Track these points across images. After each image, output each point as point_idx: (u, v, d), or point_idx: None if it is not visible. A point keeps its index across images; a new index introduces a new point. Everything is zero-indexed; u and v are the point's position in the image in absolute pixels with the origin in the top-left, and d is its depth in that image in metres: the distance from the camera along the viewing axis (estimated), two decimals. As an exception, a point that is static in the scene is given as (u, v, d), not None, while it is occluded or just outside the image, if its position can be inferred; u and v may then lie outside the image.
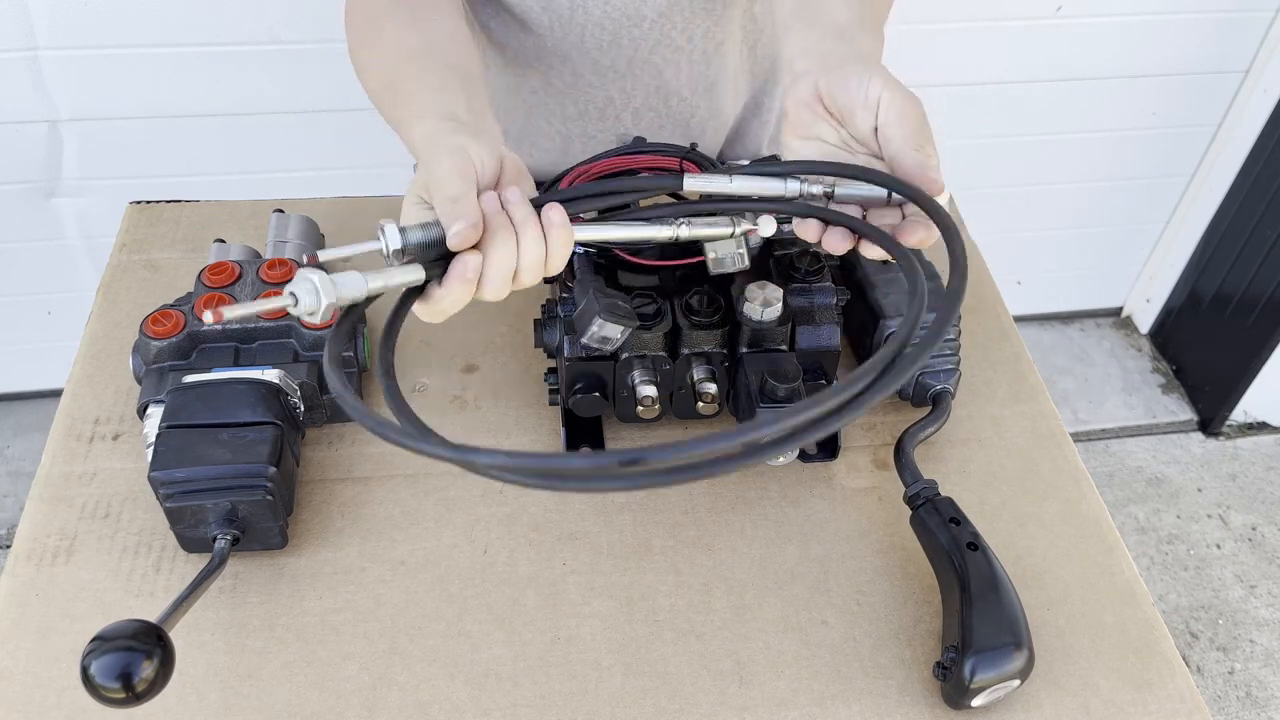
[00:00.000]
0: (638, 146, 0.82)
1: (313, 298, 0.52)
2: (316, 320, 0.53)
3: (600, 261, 0.74)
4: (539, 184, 0.78)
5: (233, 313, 0.50)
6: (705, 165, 0.78)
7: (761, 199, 0.63)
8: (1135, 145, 1.99)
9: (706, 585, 0.71)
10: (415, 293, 0.57)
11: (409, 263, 0.56)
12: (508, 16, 0.89)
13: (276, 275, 0.79)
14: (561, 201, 0.59)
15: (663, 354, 0.73)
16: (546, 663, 0.66)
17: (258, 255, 0.87)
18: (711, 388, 0.73)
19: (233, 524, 0.66)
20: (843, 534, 0.74)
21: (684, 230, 0.63)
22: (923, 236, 0.60)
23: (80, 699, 0.62)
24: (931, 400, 0.78)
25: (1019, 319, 2.24)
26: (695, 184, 0.62)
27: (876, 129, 0.62)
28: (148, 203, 0.99)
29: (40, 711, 0.62)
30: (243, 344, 0.76)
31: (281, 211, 0.91)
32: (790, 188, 0.62)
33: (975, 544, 0.66)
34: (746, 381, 0.71)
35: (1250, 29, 1.82)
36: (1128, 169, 2.03)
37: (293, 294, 0.52)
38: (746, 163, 0.66)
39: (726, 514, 0.75)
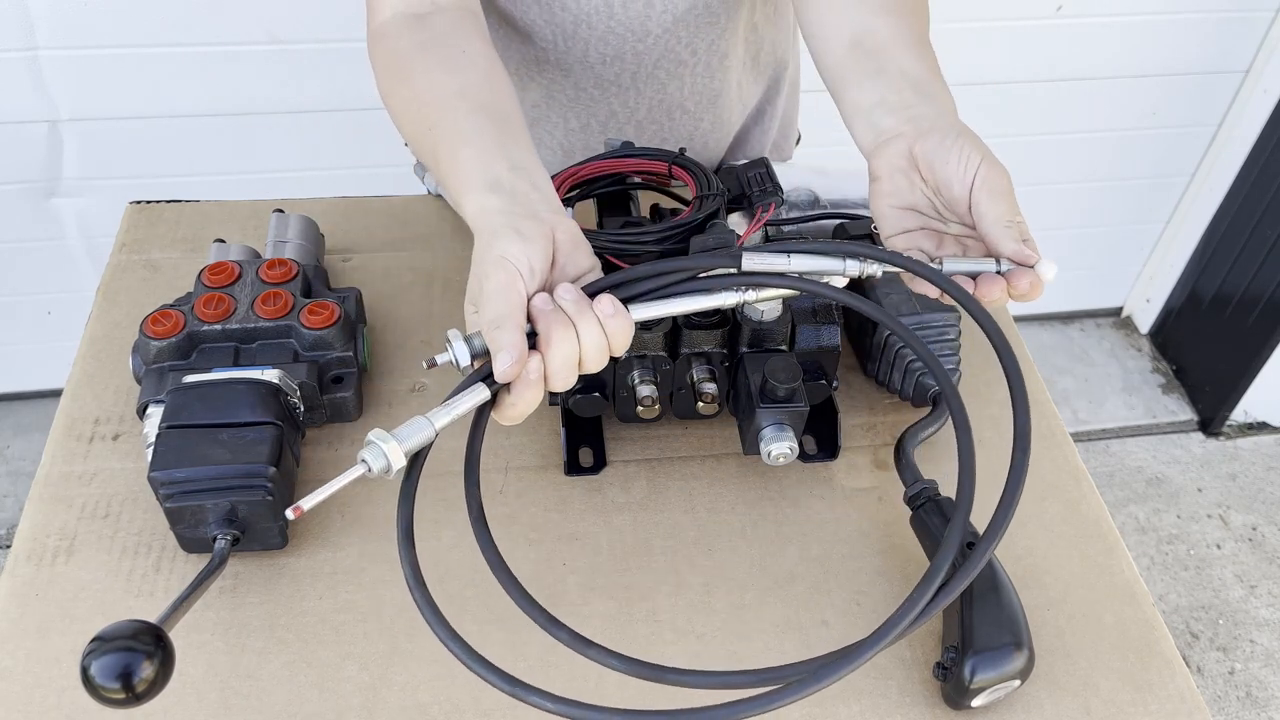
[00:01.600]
0: (625, 151, 0.82)
1: (383, 461, 0.54)
2: (390, 477, 0.55)
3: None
4: None
5: (312, 501, 0.52)
6: (693, 170, 0.78)
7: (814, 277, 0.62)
8: (1135, 145, 1.98)
9: (707, 585, 0.71)
10: (486, 407, 0.58)
11: (481, 367, 0.57)
12: (510, 29, 0.88)
13: (276, 275, 0.79)
14: (614, 288, 0.60)
15: (662, 354, 0.73)
16: (546, 663, 0.66)
17: (257, 255, 0.87)
18: (711, 387, 0.73)
19: (233, 524, 0.66)
20: (843, 534, 0.74)
21: (750, 295, 0.62)
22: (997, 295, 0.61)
23: (80, 699, 0.62)
24: (931, 400, 0.78)
25: (1019, 319, 2.24)
26: (753, 264, 0.61)
27: (970, 202, 0.62)
28: (147, 203, 0.99)
29: (40, 711, 0.62)
30: (243, 344, 0.76)
31: (281, 211, 0.91)
32: (849, 268, 0.61)
33: (974, 544, 0.66)
34: (747, 381, 0.71)
35: (1250, 29, 1.82)
36: (1128, 169, 2.03)
37: (364, 461, 0.53)
38: (798, 240, 0.65)
39: (726, 514, 0.75)
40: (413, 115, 0.68)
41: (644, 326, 0.71)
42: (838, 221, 0.85)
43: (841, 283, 0.62)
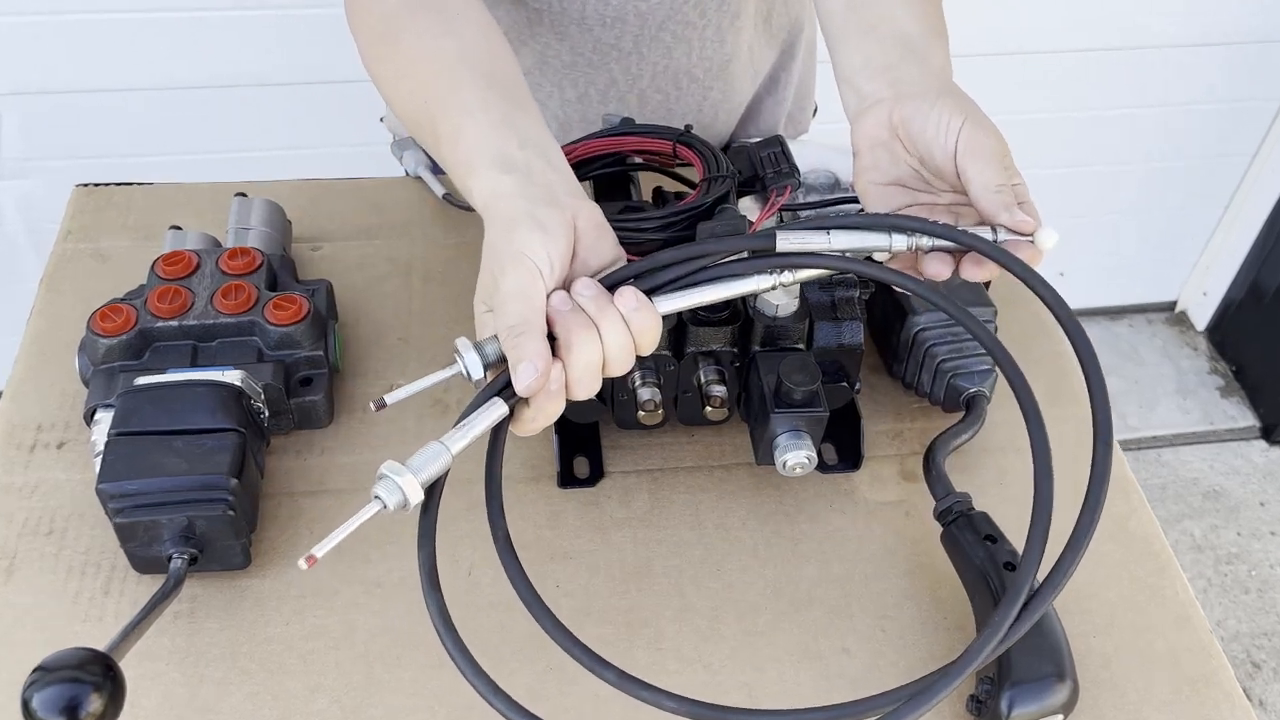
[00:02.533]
0: (625, 128, 0.82)
1: (398, 495, 0.54)
2: (408, 512, 0.55)
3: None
4: None
5: (326, 547, 0.52)
6: (700, 149, 0.78)
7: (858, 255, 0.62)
8: (1192, 122, 1.98)
9: (715, 610, 0.71)
10: (503, 423, 0.58)
11: (495, 378, 0.57)
12: None
13: (238, 266, 0.79)
14: (635, 279, 0.59)
15: (666, 353, 0.73)
16: (537, 695, 0.66)
17: (218, 244, 0.87)
18: (720, 390, 0.73)
19: (190, 542, 0.66)
20: (866, 553, 0.74)
21: (786, 277, 0.62)
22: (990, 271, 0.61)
23: (21, 735, 0.62)
24: (964, 404, 0.78)
25: (1062, 314, 2.23)
26: (790, 243, 0.60)
27: (956, 169, 0.62)
28: (96, 185, 0.99)
29: (-23, 749, 0.62)
30: (201, 342, 0.76)
31: (244, 195, 0.91)
32: (896, 243, 0.61)
33: (1013, 564, 0.66)
34: (759, 383, 0.71)
35: (1319, -8, 1.82)
36: (1183, 148, 2.03)
37: (378, 497, 0.53)
38: (837, 211, 0.65)
39: (737, 531, 0.75)
40: (404, 86, 0.68)
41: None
42: (860, 206, 0.85)
43: (885, 260, 0.62)
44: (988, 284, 0.82)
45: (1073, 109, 1.91)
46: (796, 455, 0.70)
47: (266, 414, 0.74)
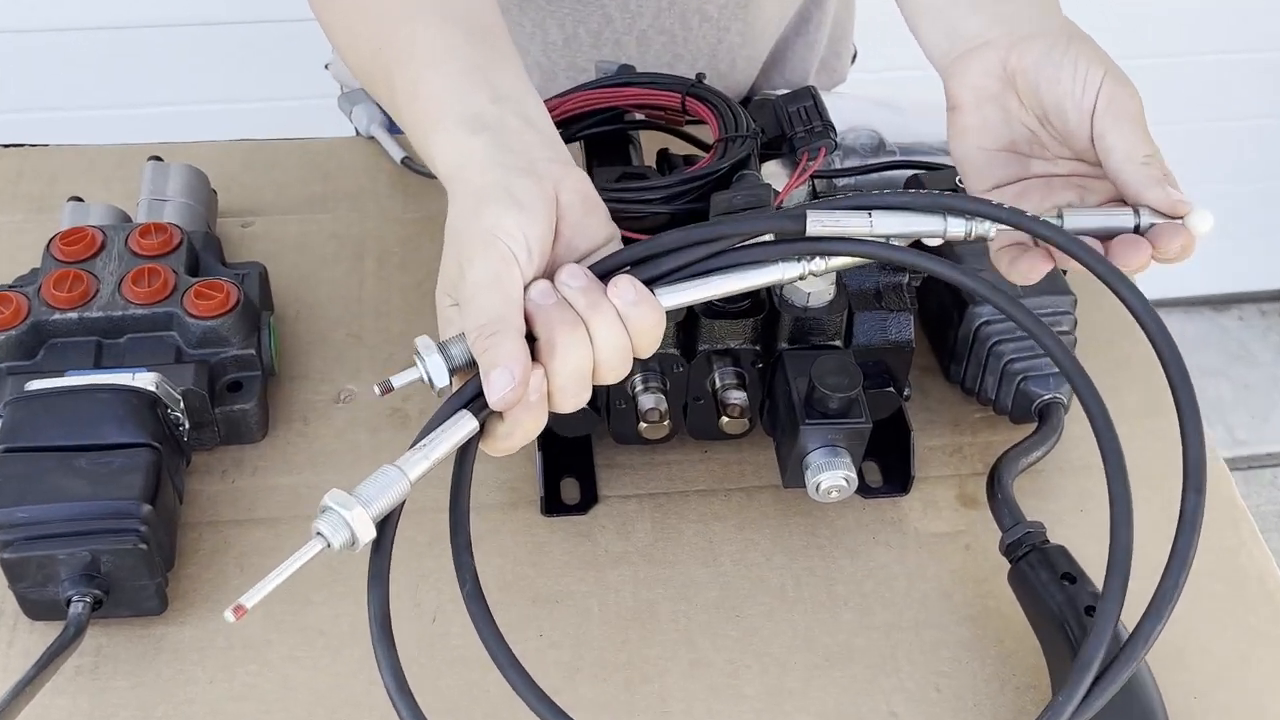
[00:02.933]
0: (624, 78, 0.82)
1: (345, 533, 0.54)
2: (357, 551, 0.55)
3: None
4: None
5: (258, 595, 0.52)
6: (715, 103, 0.78)
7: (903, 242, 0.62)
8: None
9: (733, 664, 0.71)
10: (473, 439, 0.58)
11: (463, 386, 0.57)
12: None
13: (153, 246, 0.79)
14: (633, 265, 0.59)
15: (674, 352, 0.73)
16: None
17: (127, 218, 0.87)
18: (739, 397, 0.73)
19: (93, 581, 0.66)
20: (917, 595, 0.74)
21: (817, 264, 0.62)
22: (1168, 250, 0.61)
23: (-112, 817, 0.62)
24: (1038, 414, 0.78)
25: (1156, 304, 2.24)
26: (821, 226, 0.60)
27: (1092, 134, 0.62)
28: (-21, 147, 0.99)
29: None
30: (107, 338, 0.76)
31: (159, 159, 0.91)
32: (952, 228, 0.61)
33: (1095, 609, 0.66)
34: (788, 389, 0.71)
35: None
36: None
37: (320, 534, 0.53)
38: (879, 190, 0.65)
39: (760, 568, 0.75)
40: (356, 29, 0.68)
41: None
42: (911, 173, 0.85)
43: (934, 244, 0.62)
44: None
45: (1171, 55, 1.91)
46: (832, 476, 0.70)
47: (186, 426, 0.74)
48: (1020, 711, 0.69)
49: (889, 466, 0.80)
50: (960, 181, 0.80)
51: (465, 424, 0.56)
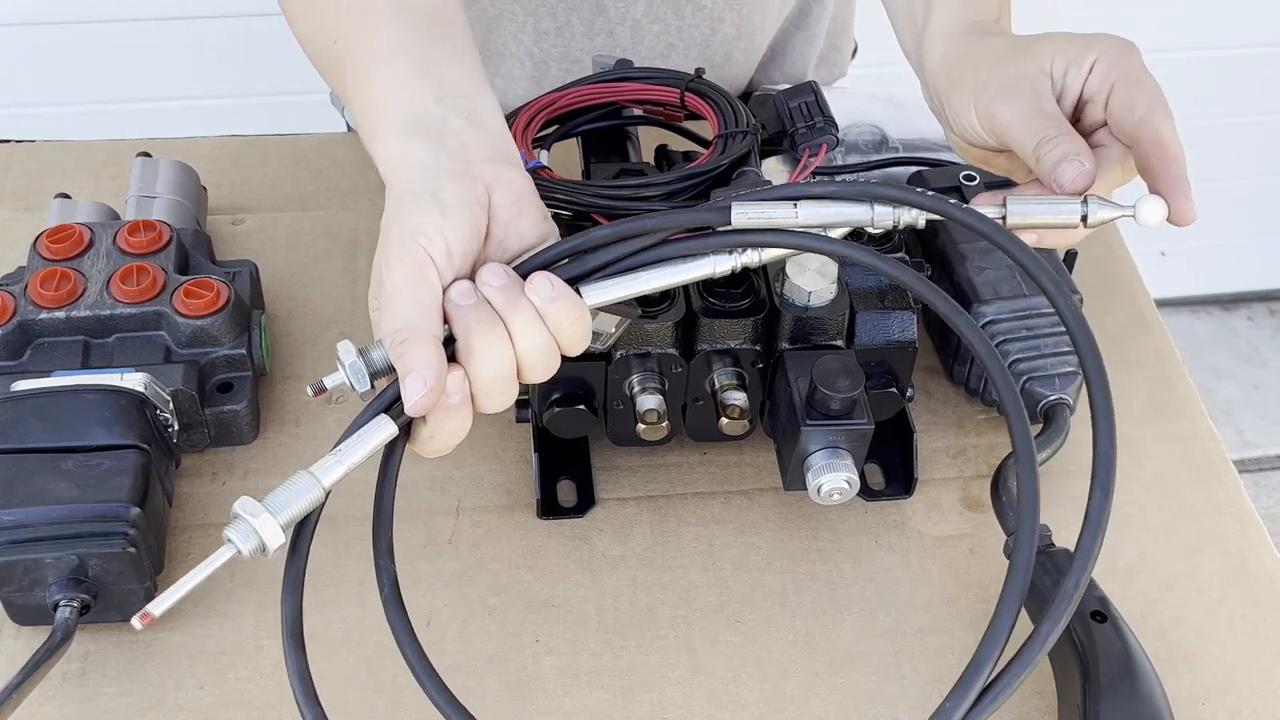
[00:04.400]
0: (622, 73, 0.82)
1: (254, 540, 0.55)
2: (268, 557, 0.56)
3: (583, 226, 0.74)
4: None
5: (166, 603, 0.53)
6: (715, 99, 0.78)
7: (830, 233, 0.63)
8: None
9: (733, 670, 0.71)
10: (398, 441, 0.59)
11: (384, 390, 0.58)
12: None
13: (141, 244, 0.79)
14: (550, 265, 0.60)
15: (673, 352, 0.73)
16: (512, 777, 0.66)
17: (116, 216, 0.87)
18: (739, 398, 0.73)
19: (81, 585, 0.66)
20: (921, 599, 0.74)
21: (749, 256, 0.63)
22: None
23: None
24: (1043, 416, 0.78)
25: (1164, 304, 2.24)
26: (747, 218, 0.61)
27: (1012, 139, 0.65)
28: (-36, 144, 0.99)
29: None
30: (95, 338, 0.76)
31: (148, 155, 0.91)
32: (880, 216, 0.62)
33: (1103, 613, 0.66)
34: (789, 389, 0.71)
35: None
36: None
37: (230, 541, 0.54)
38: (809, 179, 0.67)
39: (760, 573, 0.75)
40: (314, 21, 0.68)
41: (647, 315, 0.71)
42: (914, 169, 0.85)
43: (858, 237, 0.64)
44: (1070, 263, 0.82)
45: (1181, 48, 1.91)
46: (834, 479, 0.70)
47: (176, 427, 0.74)
48: (1025, 717, 0.69)
49: (891, 469, 0.80)
50: (964, 177, 0.80)
51: (383, 428, 0.57)
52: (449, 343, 0.57)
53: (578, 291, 0.59)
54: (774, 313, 0.72)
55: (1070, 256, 0.82)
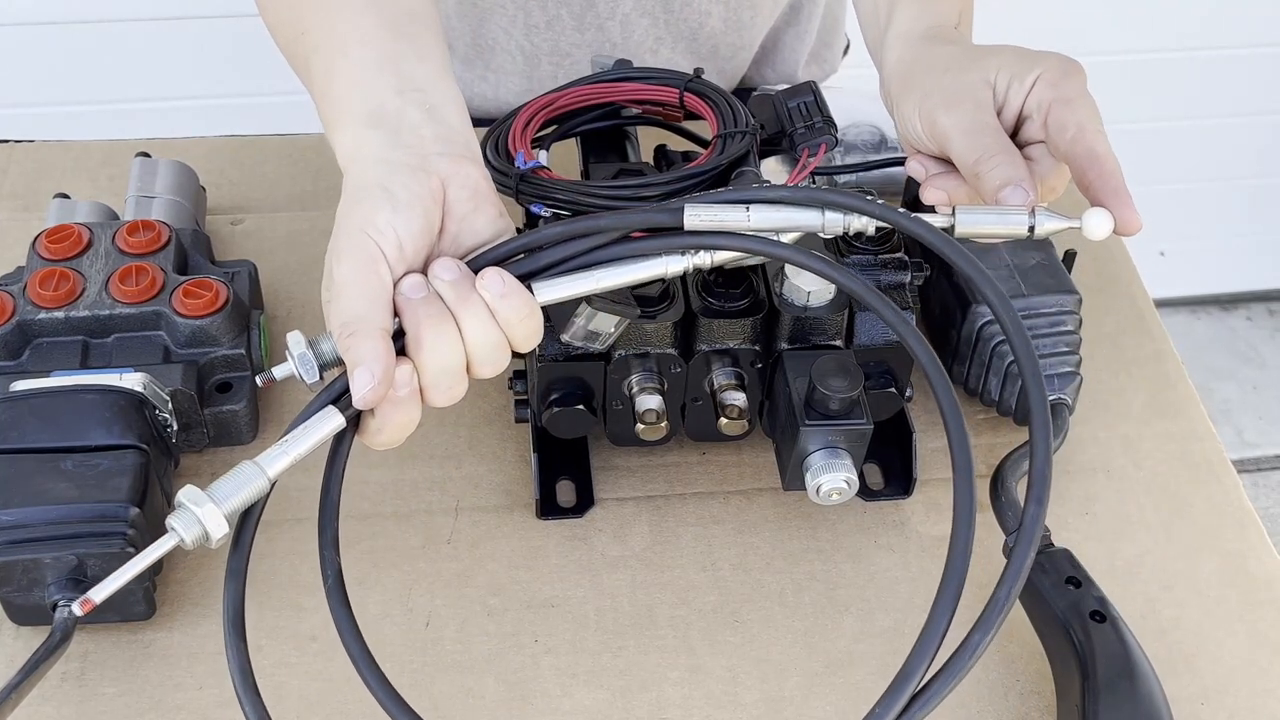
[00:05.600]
0: (620, 72, 0.82)
1: (197, 529, 0.55)
2: (213, 547, 0.56)
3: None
4: (487, 122, 0.78)
5: (105, 591, 0.54)
6: (714, 99, 0.78)
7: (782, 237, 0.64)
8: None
9: (732, 671, 0.71)
10: (346, 433, 0.59)
11: (333, 382, 0.58)
12: None
13: (140, 244, 0.79)
14: (503, 261, 0.60)
15: (672, 352, 0.73)
16: (511, 777, 0.66)
17: (115, 215, 0.87)
18: (739, 398, 0.73)
19: (80, 585, 0.66)
20: (920, 599, 0.74)
21: (701, 258, 0.63)
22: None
23: None
24: (1042, 415, 0.78)
25: (1162, 303, 2.25)
26: (699, 220, 0.61)
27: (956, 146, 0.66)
28: (-37, 143, 0.99)
29: None
30: (94, 338, 0.76)
31: (147, 155, 0.91)
32: (830, 221, 0.62)
33: (1102, 613, 0.66)
34: (788, 389, 0.71)
35: None
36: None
37: (174, 529, 0.55)
38: (764, 183, 0.68)
39: (759, 573, 0.75)
40: (283, 12, 0.69)
41: (647, 315, 0.71)
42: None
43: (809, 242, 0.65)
44: (1070, 263, 0.82)
45: (1178, 49, 1.91)
46: (833, 479, 0.70)
47: (175, 427, 0.74)
48: (1024, 717, 0.69)
49: (890, 469, 0.80)
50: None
51: (329, 420, 0.57)
52: (398, 336, 0.57)
53: (529, 288, 0.60)
54: (773, 313, 0.72)
55: (1069, 256, 0.82)
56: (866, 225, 0.62)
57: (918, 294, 0.75)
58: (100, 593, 0.53)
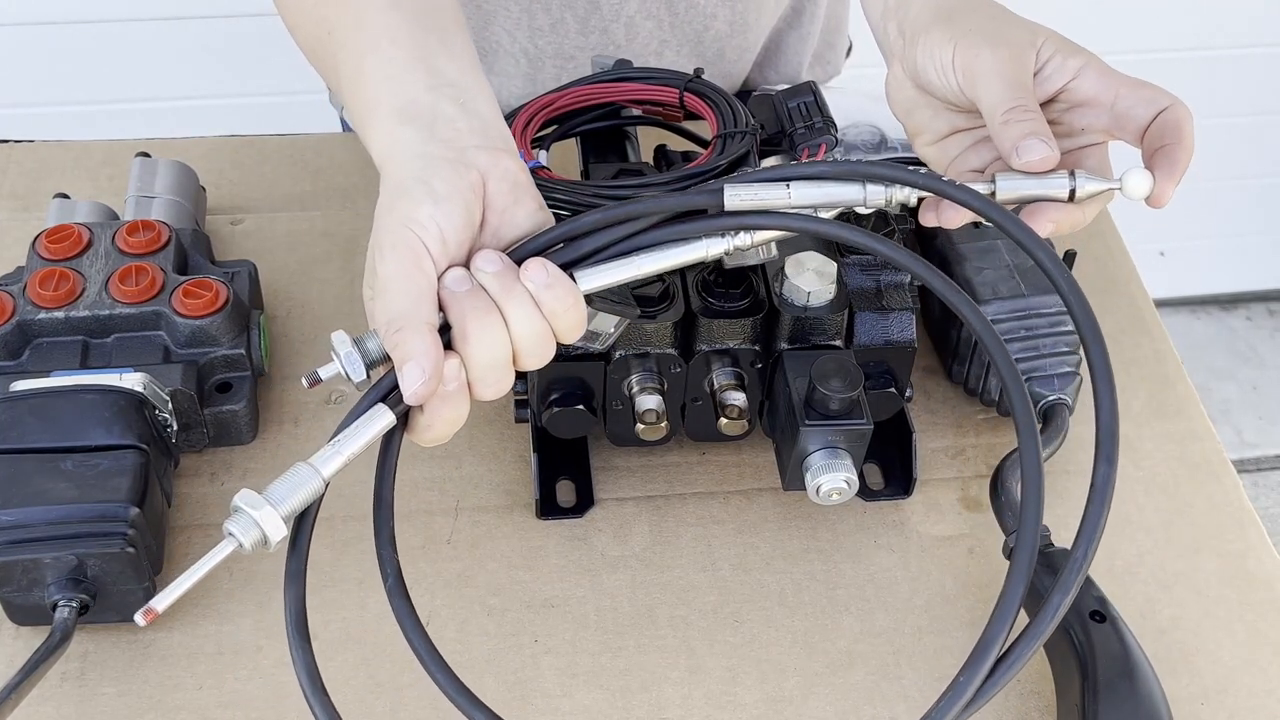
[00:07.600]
0: (621, 72, 0.82)
1: (256, 533, 0.54)
2: (270, 550, 0.56)
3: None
4: None
5: (170, 598, 0.53)
6: (714, 99, 0.78)
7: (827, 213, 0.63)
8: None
9: (732, 671, 0.71)
10: (395, 431, 0.59)
11: (380, 379, 0.58)
12: None
13: (140, 244, 0.79)
14: (544, 251, 0.60)
15: (672, 352, 0.73)
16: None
17: (115, 216, 0.87)
18: (739, 398, 0.73)
19: (80, 585, 0.66)
20: (920, 600, 0.74)
21: (742, 239, 0.63)
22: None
23: None
24: (1042, 416, 0.78)
25: (1163, 304, 2.24)
26: (740, 200, 0.61)
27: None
28: (-37, 143, 0.99)
29: None
30: (93, 338, 0.76)
31: (147, 155, 0.91)
32: (872, 194, 0.62)
33: (1102, 613, 0.66)
34: (787, 389, 0.72)
35: None
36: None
37: (232, 534, 0.54)
38: (803, 160, 0.67)
39: (759, 573, 0.75)
40: (306, 14, 0.68)
41: (647, 315, 0.71)
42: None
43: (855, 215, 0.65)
44: (1070, 263, 0.82)
45: (1175, 49, 1.91)
46: (833, 479, 0.70)
47: (175, 427, 0.74)
48: (1024, 716, 0.69)
49: (890, 469, 0.80)
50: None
51: (380, 418, 0.57)
52: (444, 330, 0.57)
53: (572, 278, 0.60)
54: (773, 313, 0.72)
55: (1069, 256, 0.82)
56: (909, 196, 0.62)
57: (918, 293, 0.75)
58: (162, 602, 0.52)
